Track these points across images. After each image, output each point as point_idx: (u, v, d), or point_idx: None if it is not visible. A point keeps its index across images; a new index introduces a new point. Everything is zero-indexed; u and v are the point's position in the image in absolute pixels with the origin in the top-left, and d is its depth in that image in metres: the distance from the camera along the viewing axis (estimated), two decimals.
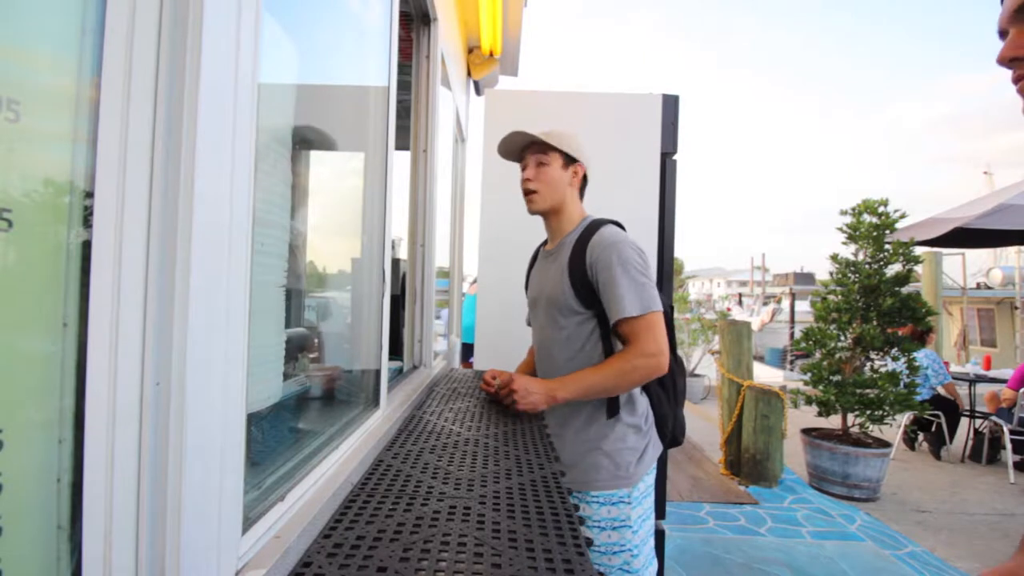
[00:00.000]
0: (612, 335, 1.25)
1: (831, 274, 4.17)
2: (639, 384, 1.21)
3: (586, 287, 1.23)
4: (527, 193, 1.30)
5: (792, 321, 11.31)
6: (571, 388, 1.18)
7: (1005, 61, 0.45)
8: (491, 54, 2.83)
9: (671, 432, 1.33)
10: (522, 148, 1.33)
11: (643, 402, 1.27)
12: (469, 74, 2.94)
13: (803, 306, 10.25)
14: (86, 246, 0.37)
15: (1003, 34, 0.45)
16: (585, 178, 1.35)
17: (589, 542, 0.63)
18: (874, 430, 3.79)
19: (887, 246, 3.94)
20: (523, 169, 1.32)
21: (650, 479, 1.28)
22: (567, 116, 2.29)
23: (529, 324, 1.50)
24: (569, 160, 1.30)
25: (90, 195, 0.37)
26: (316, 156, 1.02)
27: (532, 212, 1.34)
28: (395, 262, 1.48)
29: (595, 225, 1.27)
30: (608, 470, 1.21)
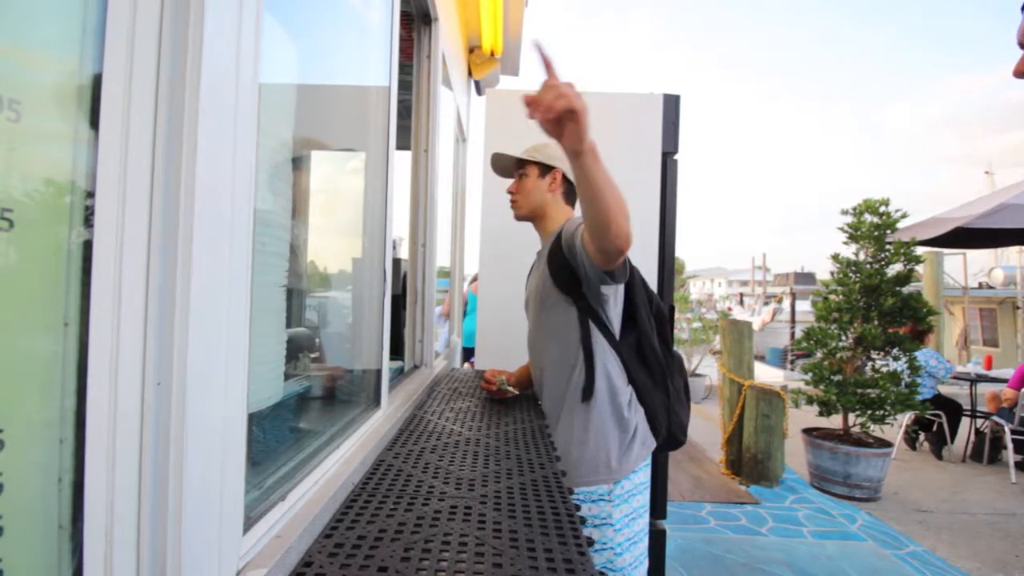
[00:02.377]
0: (590, 321, 1.25)
1: (832, 274, 4.17)
2: (622, 218, 0.97)
3: (563, 267, 1.24)
4: (511, 203, 1.45)
5: (793, 321, 11.29)
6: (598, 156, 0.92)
7: (1021, 75, 0.47)
8: (492, 54, 2.83)
9: (666, 429, 1.29)
10: (514, 166, 1.46)
11: (627, 392, 1.25)
12: (470, 74, 2.94)
13: (804, 306, 10.23)
14: (87, 246, 0.36)
15: (1023, 46, 0.46)
16: (569, 181, 1.38)
17: (590, 542, 0.63)
18: (875, 430, 3.79)
19: (888, 246, 3.93)
20: None
21: (638, 477, 1.25)
22: None
23: None
24: (546, 169, 1.39)
25: (91, 195, 0.37)
26: (317, 156, 1.02)
27: (515, 218, 1.47)
28: (396, 262, 1.48)
29: (575, 219, 1.28)
30: (587, 465, 1.20)
